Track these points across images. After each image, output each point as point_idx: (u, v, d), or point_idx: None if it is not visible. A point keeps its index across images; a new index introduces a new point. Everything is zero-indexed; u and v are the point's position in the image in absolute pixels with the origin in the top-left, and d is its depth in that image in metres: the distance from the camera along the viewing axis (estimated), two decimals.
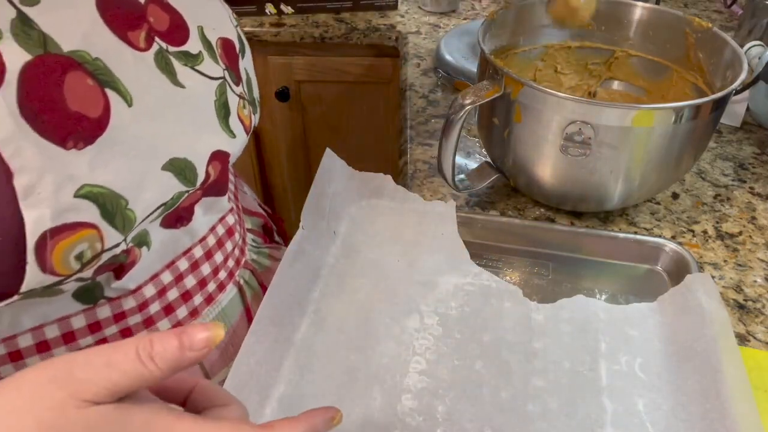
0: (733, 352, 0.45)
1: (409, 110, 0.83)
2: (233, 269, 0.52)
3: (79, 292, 0.40)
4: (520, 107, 0.56)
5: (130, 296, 0.43)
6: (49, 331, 0.40)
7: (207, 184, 0.43)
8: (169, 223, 0.42)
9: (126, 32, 0.37)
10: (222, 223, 0.50)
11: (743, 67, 0.56)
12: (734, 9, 1.10)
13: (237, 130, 0.46)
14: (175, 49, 0.41)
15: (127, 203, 0.36)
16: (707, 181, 0.71)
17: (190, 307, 0.47)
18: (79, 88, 0.33)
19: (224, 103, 0.44)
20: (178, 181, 0.39)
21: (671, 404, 0.45)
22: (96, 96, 0.34)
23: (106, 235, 0.35)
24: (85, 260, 0.35)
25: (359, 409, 0.45)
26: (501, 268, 0.59)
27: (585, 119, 0.52)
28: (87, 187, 0.33)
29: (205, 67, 0.43)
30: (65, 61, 0.33)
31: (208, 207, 0.47)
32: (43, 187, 0.31)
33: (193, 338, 0.27)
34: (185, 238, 0.45)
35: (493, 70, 0.56)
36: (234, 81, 0.46)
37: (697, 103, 0.52)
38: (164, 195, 0.39)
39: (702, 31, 0.64)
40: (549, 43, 0.71)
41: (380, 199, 0.63)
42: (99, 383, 0.26)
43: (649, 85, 0.71)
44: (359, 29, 1.09)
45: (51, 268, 0.33)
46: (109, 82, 0.35)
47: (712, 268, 0.59)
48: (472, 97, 0.55)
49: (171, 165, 0.39)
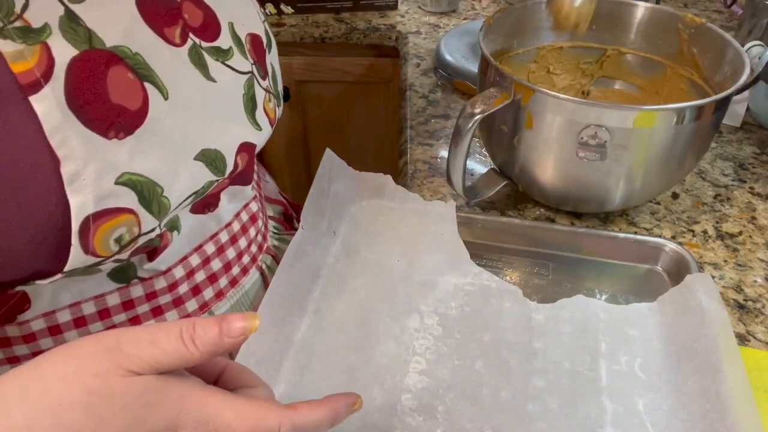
0: (733, 352, 0.45)
1: (409, 110, 0.83)
2: (256, 254, 0.54)
3: (114, 272, 0.43)
4: (531, 113, 0.55)
5: (161, 277, 0.45)
6: (86, 307, 0.43)
7: (235, 174, 0.45)
8: (198, 209, 0.45)
9: (163, 28, 0.39)
10: (246, 210, 0.52)
11: (745, 67, 0.56)
12: (734, 9, 1.10)
13: (263, 123, 0.48)
14: (208, 45, 0.42)
15: (163, 191, 0.38)
16: (707, 181, 0.71)
17: (216, 289, 0.50)
18: (120, 81, 0.35)
19: (252, 96, 0.46)
20: (209, 170, 0.41)
21: (671, 404, 0.45)
22: (136, 89, 0.36)
23: (143, 220, 0.37)
24: (124, 243, 0.37)
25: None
26: (501, 268, 0.59)
27: (600, 122, 0.52)
28: (126, 175, 0.35)
29: (235, 62, 0.45)
30: (108, 56, 0.34)
31: (233, 195, 0.49)
32: (86, 175, 0.33)
33: (231, 326, 0.29)
34: (212, 223, 0.48)
35: (501, 77, 0.56)
36: (261, 75, 0.48)
37: (700, 103, 0.52)
38: (196, 183, 0.40)
39: (695, 26, 0.64)
40: (541, 44, 0.71)
41: (380, 199, 0.63)
42: (143, 358, 0.28)
43: (642, 81, 0.71)
44: (359, 29, 1.09)
45: (93, 250, 0.35)
46: (148, 76, 0.37)
47: (712, 268, 0.59)
48: (482, 106, 0.55)
49: (203, 155, 0.41)
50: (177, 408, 0.29)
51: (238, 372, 0.35)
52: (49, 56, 0.32)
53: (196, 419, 0.29)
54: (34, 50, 0.31)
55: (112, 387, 0.27)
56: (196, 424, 0.29)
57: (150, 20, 0.38)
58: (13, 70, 0.31)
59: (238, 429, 0.30)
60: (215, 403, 0.30)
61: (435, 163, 0.73)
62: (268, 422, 0.30)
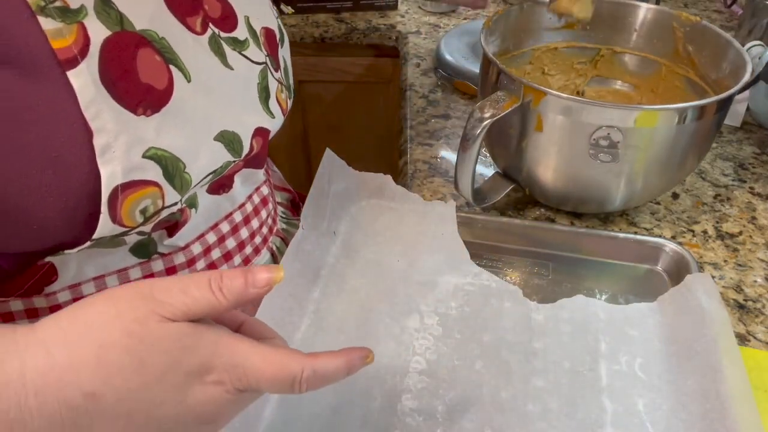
0: (733, 352, 0.45)
1: (409, 110, 0.83)
2: (267, 235, 0.57)
3: (136, 247, 0.45)
4: (541, 116, 0.55)
5: (180, 252, 0.48)
6: (110, 280, 0.45)
7: (250, 156, 0.47)
8: (213, 189, 0.48)
9: (185, 17, 0.41)
10: (257, 193, 0.55)
11: (747, 66, 0.56)
12: (734, 9, 1.10)
13: (275, 112, 0.50)
14: (226, 35, 0.45)
15: (185, 167, 0.40)
16: (707, 181, 0.71)
17: (231, 267, 0.52)
18: (148, 62, 0.37)
19: (265, 86, 0.49)
20: (227, 151, 0.44)
21: (671, 404, 0.45)
22: (162, 71, 0.38)
23: (166, 194, 0.40)
24: (148, 215, 0.39)
25: (359, 409, 0.44)
26: (501, 268, 0.59)
27: (612, 124, 0.52)
28: (153, 150, 0.38)
29: (251, 52, 0.47)
30: (138, 39, 0.37)
31: (246, 178, 0.52)
32: (117, 147, 0.36)
33: (256, 277, 0.31)
34: (227, 204, 0.51)
35: (509, 80, 0.56)
36: (274, 67, 0.51)
37: (703, 103, 0.52)
38: (215, 162, 0.43)
39: (690, 24, 0.64)
40: (536, 45, 0.71)
41: (380, 199, 0.63)
42: (175, 305, 0.30)
43: (637, 80, 0.71)
44: (359, 29, 1.09)
45: (120, 219, 0.37)
46: (172, 60, 0.39)
47: (712, 268, 0.59)
48: (491, 110, 0.54)
49: (222, 136, 0.43)
50: (210, 352, 0.30)
51: (256, 325, 0.36)
52: (85, 35, 0.34)
53: (227, 362, 0.31)
54: (72, 29, 0.34)
55: (150, 331, 0.29)
56: (227, 367, 0.31)
57: (174, 9, 0.41)
58: (53, 47, 0.33)
59: (265, 372, 0.31)
60: (244, 348, 0.31)
61: (435, 163, 0.73)
62: (292, 367, 0.32)
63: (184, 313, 0.30)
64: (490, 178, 0.66)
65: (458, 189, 0.59)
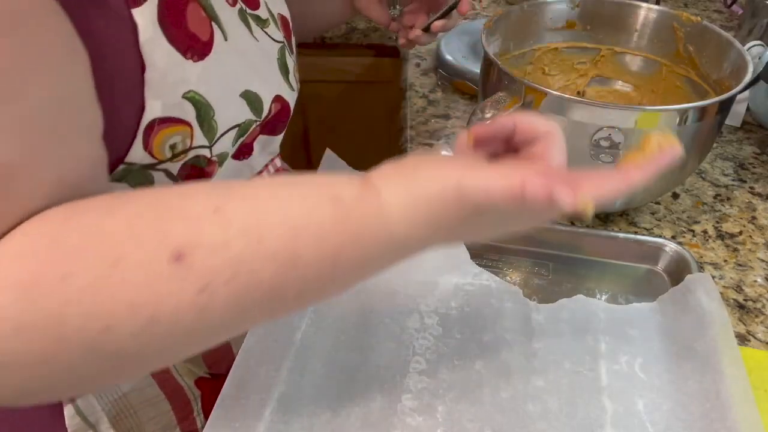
0: (733, 352, 0.45)
1: (409, 110, 0.83)
2: None
3: None
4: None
5: None
6: None
7: (268, 118, 0.50)
8: (237, 155, 0.51)
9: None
10: (272, 164, 0.58)
11: (748, 66, 0.56)
12: (734, 9, 1.10)
13: (294, 85, 0.55)
14: (251, 12, 0.49)
15: (214, 114, 0.43)
16: (707, 181, 0.71)
17: None
18: (196, 16, 0.41)
19: (284, 62, 0.53)
20: (249, 109, 0.47)
21: (671, 404, 0.45)
22: (206, 25, 0.42)
23: (195, 135, 0.43)
24: (176, 152, 0.42)
25: (359, 409, 0.44)
26: (501, 268, 0.59)
27: (614, 124, 0.52)
28: (192, 93, 0.41)
29: (271, 31, 0.52)
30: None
31: (263, 146, 0.54)
32: (163, 84, 0.39)
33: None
34: (246, 170, 0.54)
35: (510, 81, 0.56)
36: (290, 51, 0.55)
37: (704, 104, 0.52)
38: (239, 117, 0.46)
39: (691, 25, 0.64)
40: (537, 46, 0.71)
41: None
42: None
43: (637, 80, 0.71)
44: (359, 29, 1.09)
45: (150, 149, 0.41)
46: (215, 18, 0.43)
47: (712, 268, 0.59)
48: (492, 110, 0.55)
49: (246, 95, 0.47)
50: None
51: (526, 125, 0.37)
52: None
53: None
54: None
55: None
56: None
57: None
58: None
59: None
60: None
61: None
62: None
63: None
64: None
65: None
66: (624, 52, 0.70)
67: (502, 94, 0.56)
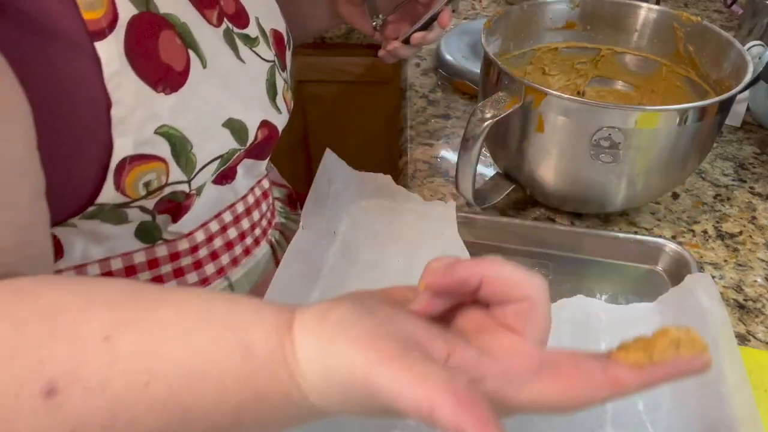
0: (733, 352, 0.45)
1: (409, 110, 0.83)
2: (266, 228, 0.58)
3: (141, 231, 0.45)
4: (542, 117, 0.55)
5: (184, 239, 0.49)
6: (114, 263, 0.46)
7: (253, 145, 0.48)
8: (217, 180, 0.49)
9: (203, 9, 0.44)
10: (259, 186, 0.56)
11: (748, 66, 0.56)
12: (734, 9, 1.10)
13: (281, 108, 0.52)
14: (239, 31, 0.48)
15: (192, 147, 0.42)
16: (707, 181, 0.71)
17: (231, 256, 0.54)
18: (169, 44, 0.39)
19: (273, 83, 0.51)
20: (234, 139, 0.45)
21: (671, 404, 0.45)
22: (181, 53, 0.40)
23: (171, 171, 0.41)
24: (151, 189, 0.41)
25: None
26: None
27: (614, 124, 0.52)
28: (165, 127, 0.39)
29: (261, 50, 0.50)
30: (161, 21, 0.39)
31: (248, 169, 0.53)
32: (132, 120, 0.37)
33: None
34: (229, 194, 0.52)
35: (510, 81, 0.56)
36: (281, 67, 0.53)
37: (705, 104, 0.52)
38: (222, 148, 0.45)
39: (691, 25, 0.64)
40: (536, 46, 0.71)
41: (380, 199, 0.63)
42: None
43: (637, 80, 0.71)
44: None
45: (123, 188, 0.39)
46: (192, 44, 0.41)
47: (712, 268, 0.59)
48: (492, 111, 0.54)
49: (229, 124, 0.45)
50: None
51: (497, 282, 0.30)
52: (114, 10, 0.36)
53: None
54: (103, 2, 0.35)
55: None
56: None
57: (193, 0, 0.43)
58: (84, 17, 0.35)
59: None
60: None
61: (435, 163, 0.73)
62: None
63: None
64: (492, 179, 0.66)
65: (459, 189, 0.59)
66: (624, 52, 0.70)
67: (502, 94, 0.56)
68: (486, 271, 0.29)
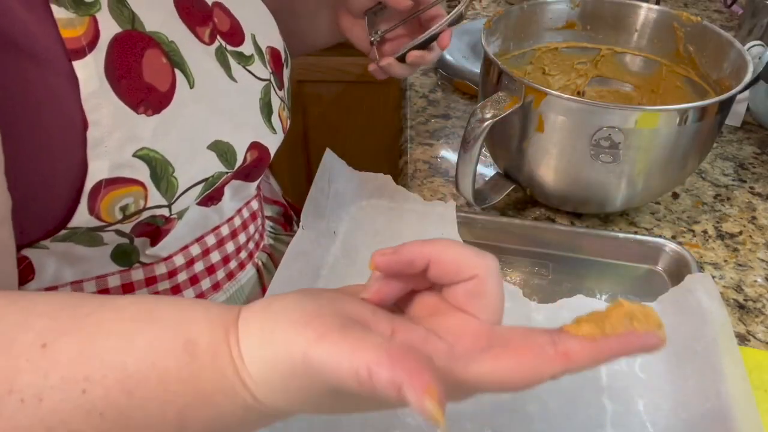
0: (733, 352, 0.45)
1: (409, 110, 0.83)
2: (253, 251, 0.56)
3: (117, 254, 0.44)
4: (542, 117, 0.55)
5: (162, 263, 0.47)
6: (87, 286, 0.44)
7: (241, 168, 0.46)
8: (202, 201, 0.46)
9: (195, 26, 0.42)
10: (247, 207, 0.54)
11: (748, 66, 0.56)
12: (734, 9, 1.10)
13: (277, 127, 0.50)
14: (232, 49, 0.46)
15: (174, 171, 0.40)
16: (707, 181, 0.71)
17: (213, 281, 0.51)
18: (154, 63, 0.38)
19: (268, 102, 0.49)
20: (220, 161, 0.43)
21: (671, 404, 0.45)
22: (166, 73, 0.39)
23: (150, 195, 0.39)
24: (128, 213, 0.39)
25: None
26: (501, 268, 0.59)
27: (614, 124, 0.52)
28: (145, 150, 0.37)
29: (255, 68, 0.48)
30: (147, 39, 0.38)
31: (236, 191, 0.50)
32: (109, 143, 0.36)
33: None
34: (214, 216, 0.49)
35: (510, 81, 0.56)
36: (278, 86, 0.51)
37: (704, 104, 0.52)
38: (206, 171, 0.42)
39: (691, 25, 0.64)
40: (536, 45, 0.71)
41: (380, 199, 0.63)
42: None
43: (637, 80, 0.71)
44: None
45: (97, 212, 0.37)
46: (179, 64, 0.40)
47: (712, 268, 0.59)
48: (492, 111, 0.54)
49: (215, 146, 0.43)
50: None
51: (443, 264, 0.29)
52: (95, 29, 0.35)
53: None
54: (83, 21, 0.34)
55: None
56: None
57: (184, 17, 0.41)
58: (63, 36, 0.33)
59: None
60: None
61: (435, 162, 0.73)
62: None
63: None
64: (492, 179, 0.66)
65: (459, 189, 0.59)
66: (624, 52, 0.70)
67: (502, 93, 0.56)
68: (433, 252, 0.28)
